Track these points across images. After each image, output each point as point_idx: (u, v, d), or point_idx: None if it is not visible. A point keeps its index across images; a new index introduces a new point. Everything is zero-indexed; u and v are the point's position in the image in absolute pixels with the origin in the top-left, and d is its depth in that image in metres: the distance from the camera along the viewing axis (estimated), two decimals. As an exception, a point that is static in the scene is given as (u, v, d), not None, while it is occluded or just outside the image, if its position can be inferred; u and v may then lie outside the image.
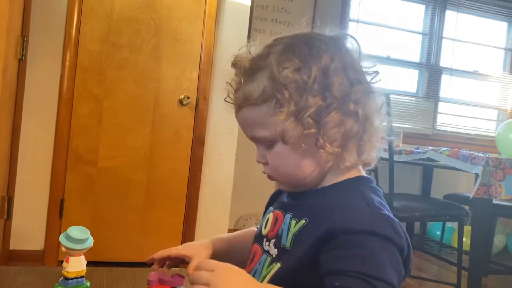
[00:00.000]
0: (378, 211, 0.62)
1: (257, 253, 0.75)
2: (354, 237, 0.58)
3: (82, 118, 2.41)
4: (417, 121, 4.01)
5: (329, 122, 0.62)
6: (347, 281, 0.56)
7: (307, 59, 0.63)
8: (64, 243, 0.80)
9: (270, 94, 0.63)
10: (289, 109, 0.62)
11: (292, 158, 0.66)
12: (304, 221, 0.66)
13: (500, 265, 3.01)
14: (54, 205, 2.39)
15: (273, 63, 0.63)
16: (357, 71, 0.67)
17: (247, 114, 0.67)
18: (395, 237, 0.59)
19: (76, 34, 2.38)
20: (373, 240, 0.58)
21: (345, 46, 0.67)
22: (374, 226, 0.59)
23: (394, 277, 0.57)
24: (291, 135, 0.63)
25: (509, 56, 4.33)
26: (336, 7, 3.74)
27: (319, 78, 0.62)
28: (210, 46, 2.57)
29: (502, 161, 2.03)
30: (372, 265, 0.56)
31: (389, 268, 0.57)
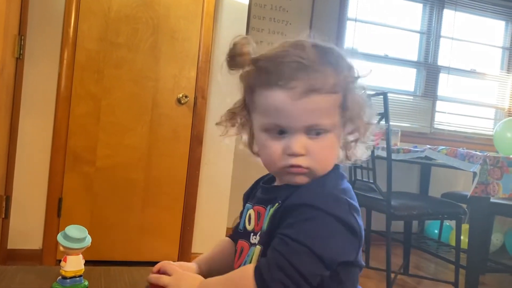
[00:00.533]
0: (328, 190, 0.69)
1: (244, 248, 0.79)
2: (298, 207, 0.66)
3: (80, 117, 2.41)
4: (415, 119, 4.02)
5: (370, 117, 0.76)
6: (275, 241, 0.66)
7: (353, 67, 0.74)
8: (62, 242, 0.80)
9: (340, 87, 0.70)
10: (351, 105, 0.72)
11: (336, 150, 0.74)
12: (278, 204, 0.72)
13: (498, 264, 3.02)
14: (52, 204, 2.39)
15: (341, 62, 0.72)
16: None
17: (317, 101, 0.68)
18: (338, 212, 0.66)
19: (73, 32, 2.37)
20: (312, 211, 0.65)
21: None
22: (318, 201, 0.66)
23: (325, 247, 0.63)
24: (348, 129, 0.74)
25: (506, 55, 4.34)
26: (334, 6, 3.74)
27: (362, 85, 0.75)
28: (208, 45, 2.57)
29: (500, 159, 2.03)
30: (300, 231, 0.64)
31: (318, 236, 0.64)
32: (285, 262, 0.62)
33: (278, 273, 0.62)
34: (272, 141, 0.71)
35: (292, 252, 0.63)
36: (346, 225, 0.66)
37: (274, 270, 0.62)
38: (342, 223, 0.65)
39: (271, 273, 0.62)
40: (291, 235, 0.64)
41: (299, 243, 0.63)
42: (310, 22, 3.66)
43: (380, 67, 3.98)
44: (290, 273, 0.62)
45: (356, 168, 2.61)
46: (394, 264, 2.84)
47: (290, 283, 0.62)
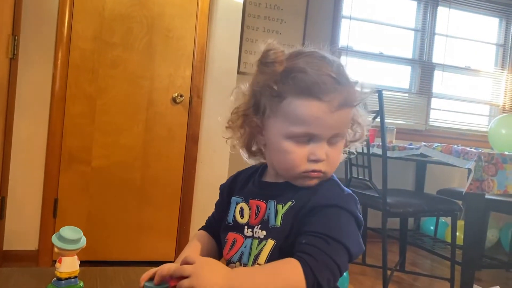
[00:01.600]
0: (347, 192, 0.78)
1: (237, 239, 0.82)
2: (324, 208, 0.74)
3: (75, 117, 2.40)
4: (410, 117, 4.03)
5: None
6: (311, 239, 0.71)
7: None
8: (56, 244, 0.80)
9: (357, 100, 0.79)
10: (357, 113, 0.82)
11: (341, 152, 0.82)
12: (291, 202, 0.78)
13: (493, 259, 3.04)
14: (48, 204, 2.38)
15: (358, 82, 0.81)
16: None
17: (347, 114, 0.78)
18: (358, 213, 0.76)
19: (68, 32, 2.36)
20: (341, 212, 0.74)
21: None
22: (344, 203, 0.75)
23: (353, 244, 0.72)
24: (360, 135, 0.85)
25: (500, 51, 4.35)
26: (329, 4, 3.74)
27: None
28: (203, 44, 2.57)
29: (495, 156, 2.04)
30: (336, 230, 0.72)
31: (348, 234, 0.73)
32: (332, 263, 0.70)
33: (326, 272, 0.69)
34: (297, 148, 0.76)
35: (335, 252, 0.70)
36: (358, 222, 0.76)
37: (324, 269, 0.69)
38: (356, 221, 0.76)
39: (322, 272, 0.68)
40: (329, 233, 0.71)
41: (337, 241, 0.71)
42: (305, 20, 3.66)
43: (375, 65, 3.99)
44: (335, 271, 0.70)
45: (352, 166, 2.62)
46: (390, 261, 2.85)
47: (333, 279, 0.70)
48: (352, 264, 2.89)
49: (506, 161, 2.05)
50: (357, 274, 2.76)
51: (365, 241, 2.96)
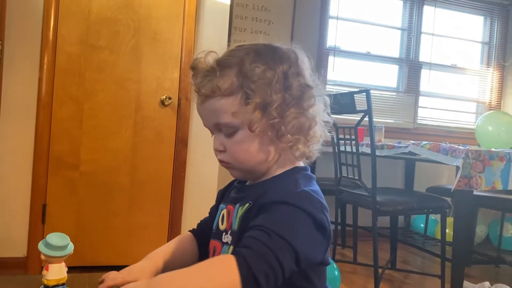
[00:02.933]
0: (301, 188, 0.72)
1: (217, 247, 0.81)
2: (272, 205, 0.69)
3: (62, 122, 2.38)
4: (398, 115, 4.06)
5: (289, 115, 0.73)
6: (253, 232, 0.66)
7: (272, 61, 0.74)
8: (43, 251, 0.79)
9: (238, 87, 0.73)
10: (256, 101, 0.72)
11: (254, 145, 0.75)
12: (248, 204, 0.76)
13: (482, 255, 3.07)
14: (36, 210, 2.36)
15: (245, 61, 0.73)
16: (307, 79, 0.78)
17: (215, 104, 0.75)
18: (312, 209, 0.69)
19: (53, 36, 2.34)
20: (288, 208, 0.68)
21: (299, 58, 0.78)
22: (291, 198, 0.69)
23: (301, 244, 0.66)
24: (258, 125, 0.73)
25: (486, 49, 4.41)
26: (316, 4, 3.75)
27: (280, 79, 0.74)
28: (190, 46, 2.56)
29: (482, 153, 2.06)
30: (278, 224, 0.66)
31: (296, 233, 0.66)
32: (271, 255, 0.64)
33: (264, 265, 0.63)
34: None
35: (277, 246, 0.64)
36: (318, 224, 0.69)
37: (260, 261, 0.63)
38: (315, 222, 0.69)
39: (258, 264, 0.63)
40: (272, 228, 0.65)
41: (281, 237, 0.65)
42: (292, 21, 3.66)
43: (363, 65, 4.01)
44: (274, 267, 0.64)
45: (342, 165, 2.63)
46: (382, 259, 2.87)
47: (272, 275, 0.64)
48: (344, 263, 2.90)
49: (493, 157, 2.08)
50: (348, 273, 2.77)
51: (356, 240, 2.99)
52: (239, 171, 0.80)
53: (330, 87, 3.81)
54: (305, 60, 0.79)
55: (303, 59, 0.79)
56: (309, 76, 0.78)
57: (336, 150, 2.67)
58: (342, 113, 2.54)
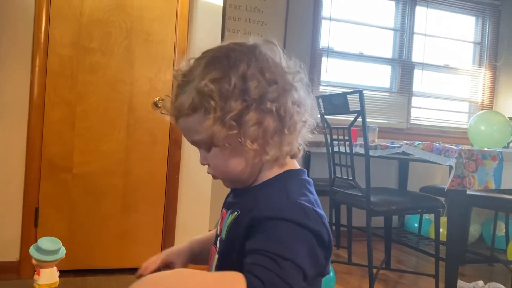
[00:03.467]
0: (294, 200, 0.69)
1: (212, 253, 0.82)
2: (268, 222, 0.66)
3: (54, 124, 2.36)
4: (391, 116, 4.07)
5: (248, 121, 0.69)
6: (258, 258, 0.62)
7: (227, 69, 0.70)
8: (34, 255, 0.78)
9: (198, 104, 0.70)
10: (216, 115, 0.69)
11: (224, 158, 0.74)
12: (237, 213, 0.75)
13: (476, 254, 3.08)
14: (28, 214, 2.34)
15: (198, 77, 0.71)
16: (273, 73, 0.72)
17: (183, 123, 0.75)
18: (308, 222, 0.66)
19: (45, 38, 2.32)
20: (284, 224, 0.65)
21: (262, 52, 0.74)
22: (286, 213, 0.66)
23: (304, 259, 0.63)
24: (218, 138, 0.70)
25: (478, 49, 4.43)
26: (309, 6, 3.76)
27: (238, 85, 0.69)
28: (183, 47, 2.55)
29: (474, 152, 2.07)
30: (281, 246, 0.63)
31: (298, 250, 0.64)
32: (279, 279, 0.61)
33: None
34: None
35: (285, 271, 0.62)
36: (317, 237, 0.67)
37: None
38: (313, 234, 0.66)
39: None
40: (276, 251, 0.62)
41: (286, 259, 0.62)
42: (285, 22, 3.67)
43: (356, 65, 4.02)
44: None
45: (336, 165, 2.63)
46: (376, 259, 2.87)
47: None
48: (338, 264, 2.90)
49: (486, 157, 2.08)
50: (343, 273, 2.77)
51: (350, 240, 2.99)
52: (228, 182, 0.80)
53: (324, 88, 3.81)
54: (269, 52, 0.74)
55: (268, 51, 0.74)
56: (277, 68, 0.73)
57: (330, 150, 2.67)
58: (335, 113, 2.55)
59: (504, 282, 2.50)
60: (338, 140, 2.54)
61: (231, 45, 0.75)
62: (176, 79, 0.75)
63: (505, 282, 2.53)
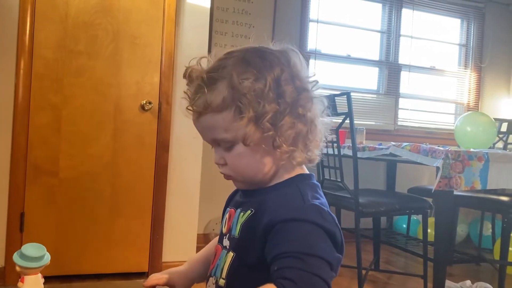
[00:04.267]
0: (309, 203, 0.71)
1: (218, 250, 0.83)
2: (288, 224, 0.68)
3: (40, 128, 2.33)
4: (379, 117, 4.09)
5: (284, 125, 0.71)
6: (283, 262, 0.65)
7: (262, 70, 0.71)
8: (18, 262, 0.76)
9: (230, 102, 0.70)
10: (249, 115, 0.69)
11: (252, 158, 0.74)
12: (250, 211, 0.76)
13: (463, 254, 3.11)
14: (13, 219, 2.30)
15: (233, 74, 0.70)
16: (303, 81, 0.75)
17: (209, 120, 0.73)
18: (324, 223, 0.69)
19: (29, 41, 2.30)
20: (304, 225, 0.68)
21: (292, 58, 0.75)
22: (304, 215, 0.68)
23: (327, 252, 0.67)
24: (252, 139, 0.71)
25: (463, 51, 4.49)
26: (296, 8, 3.77)
27: (273, 87, 0.70)
28: (170, 50, 2.54)
29: (461, 153, 2.08)
30: (304, 244, 0.66)
31: (321, 246, 0.67)
32: (308, 274, 0.63)
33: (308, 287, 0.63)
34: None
35: (313, 265, 0.64)
36: (332, 237, 0.69)
37: (303, 286, 0.63)
38: (329, 235, 0.69)
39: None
40: (300, 250, 0.65)
41: (311, 255, 0.65)
42: (273, 24, 3.67)
43: (343, 67, 4.04)
44: (317, 284, 0.64)
45: (324, 167, 2.63)
46: (365, 260, 2.88)
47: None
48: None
49: (472, 158, 2.10)
50: (332, 275, 2.77)
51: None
52: (242, 183, 0.79)
53: (312, 90, 3.82)
54: (298, 62, 0.76)
55: (296, 61, 0.75)
56: (304, 77, 0.75)
57: (318, 152, 2.67)
58: (323, 115, 2.55)
59: (491, 281, 2.52)
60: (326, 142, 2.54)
61: (261, 48, 0.76)
62: (196, 77, 0.74)
63: (492, 281, 2.55)
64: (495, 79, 4.51)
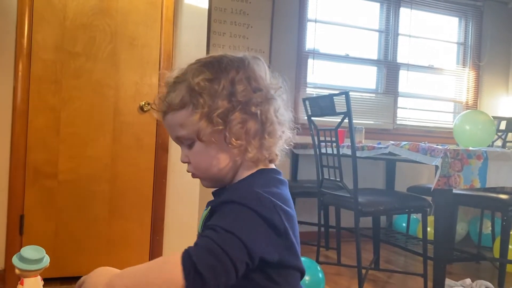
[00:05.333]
0: (252, 189, 0.74)
1: None
2: (224, 205, 0.72)
3: (39, 130, 2.33)
4: (378, 116, 4.10)
5: (233, 120, 0.76)
6: (204, 232, 0.69)
7: (218, 72, 0.78)
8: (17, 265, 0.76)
9: (187, 100, 0.78)
10: (203, 111, 0.76)
11: (208, 155, 0.80)
12: (210, 207, 0.80)
13: (463, 252, 3.11)
14: (13, 222, 2.30)
15: (192, 77, 0.78)
16: (259, 82, 0.80)
17: (170, 118, 0.81)
18: (258, 208, 0.70)
19: (28, 43, 2.29)
20: (237, 207, 0.71)
21: (250, 64, 0.81)
22: (242, 199, 0.71)
23: (250, 238, 0.68)
24: (204, 133, 0.77)
25: (461, 50, 4.49)
26: (294, 8, 3.77)
27: (227, 87, 0.77)
28: (169, 50, 2.54)
29: (460, 152, 2.09)
30: (228, 222, 0.68)
31: (244, 228, 0.68)
32: (216, 246, 0.65)
33: (208, 257, 0.64)
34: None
35: (222, 239, 0.66)
36: (268, 223, 0.71)
37: (204, 254, 0.65)
38: (264, 219, 0.70)
39: (201, 257, 0.64)
40: (218, 224, 0.68)
41: (227, 231, 0.67)
42: (271, 24, 3.67)
43: (342, 67, 4.04)
44: (220, 258, 0.65)
45: (323, 167, 2.64)
46: (365, 259, 2.88)
47: (220, 268, 0.65)
48: (327, 265, 2.91)
49: (471, 156, 2.11)
50: (332, 274, 2.77)
51: (339, 241, 3.00)
52: (206, 181, 0.85)
53: (310, 90, 3.82)
54: (257, 67, 0.82)
55: (255, 66, 0.81)
56: (262, 80, 0.81)
57: (317, 152, 2.68)
58: (322, 115, 2.55)
59: (491, 279, 2.53)
60: (326, 141, 2.54)
61: (222, 55, 0.83)
62: (168, 81, 0.82)
63: (492, 280, 2.56)
64: (493, 78, 4.52)
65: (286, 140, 0.84)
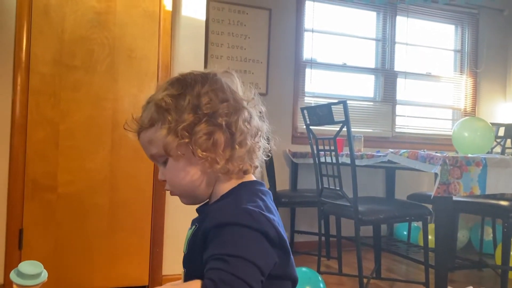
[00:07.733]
0: (241, 206, 0.74)
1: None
2: (220, 229, 0.71)
3: (37, 143, 2.33)
4: (376, 125, 4.10)
5: (199, 132, 0.77)
6: (210, 264, 0.68)
7: (183, 88, 0.80)
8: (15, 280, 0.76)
9: (156, 118, 0.80)
10: (170, 126, 0.77)
11: (178, 168, 0.80)
12: (195, 226, 0.81)
13: (465, 260, 3.10)
14: (12, 236, 2.29)
15: (159, 96, 0.80)
16: (226, 94, 0.80)
17: (142, 137, 0.83)
18: (254, 224, 0.70)
19: (26, 56, 2.30)
20: (234, 228, 0.70)
21: (217, 77, 0.83)
22: (235, 218, 0.71)
23: (256, 255, 0.68)
24: (171, 147, 0.77)
25: (458, 57, 4.51)
26: (291, 18, 3.79)
27: (192, 100, 0.78)
28: (167, 62, 2.55)
29: (459, 159, 2.09)
30: (231, 247, 0.68)
31: (248, 247, 0.69)
32: (229, 275, 0.65)
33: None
34: None
35: (235, 266, 0.66)
36: (266, 236, 0.71)
37: (221, 286, 0.64)
38: (262, 233, 0.71)
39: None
40: (224, 252, 0.68)
41: (235, 256, 0.67)
42: (268, 35, 3.69)
43: (339, 76, 4.06)
44: (238, 286, 0.65)
45: (323, 176, 2.63)
46: (366, 268, 2.87)
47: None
48: (329, 275, 2.89)
49: (470, 163, 2.11)
50: (334, 284, 2.75)
51: (340, 251, 2.98)
52: (184, 197, 0.85)
53: (308, 99, 3.84)
54: (223, 80, 0.82)
55: (223, 78, 0.82)
56: (230, 92, 0.81)
57: (316, 161, 2.68)
58: (320, 124, 2.56)
59: (493, 286, 2.51)
60: (324, 150, 2.55)
61: (190, 72, 0.85)
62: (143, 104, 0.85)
63: (494, 287, 2.54)
64: (491, 84, 4.54)
65: (264, 150, 0.84)
